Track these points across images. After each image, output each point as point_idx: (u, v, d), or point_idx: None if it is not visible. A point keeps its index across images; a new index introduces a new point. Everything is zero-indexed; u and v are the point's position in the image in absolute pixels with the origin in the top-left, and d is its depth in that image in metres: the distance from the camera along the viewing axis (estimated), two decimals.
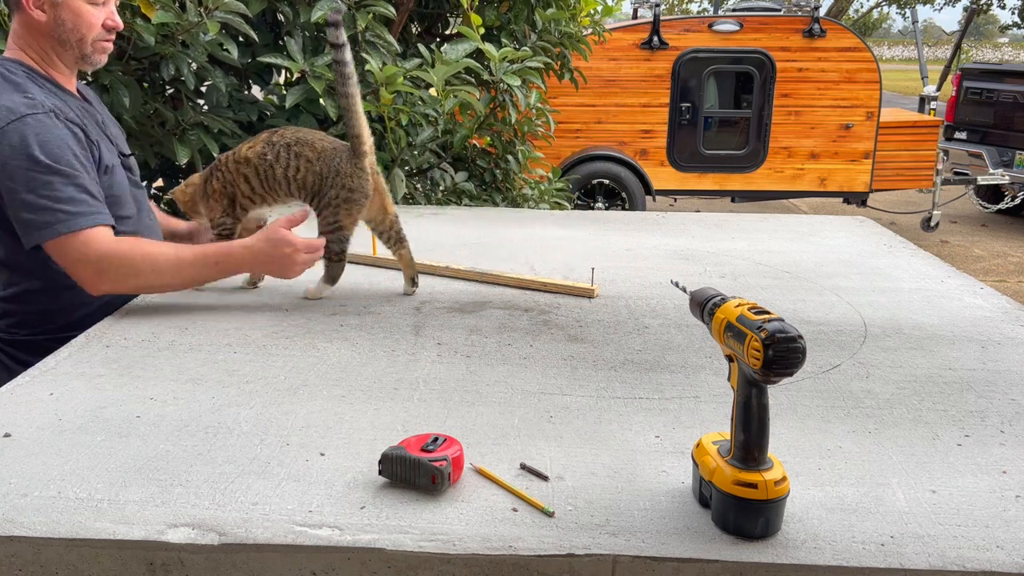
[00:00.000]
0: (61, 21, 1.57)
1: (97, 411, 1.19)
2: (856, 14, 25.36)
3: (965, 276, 1.96)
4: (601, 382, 1.32)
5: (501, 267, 1.93)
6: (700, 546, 0.89)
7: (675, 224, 2.47)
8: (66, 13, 1.56)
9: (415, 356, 1.41)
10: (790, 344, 0.84)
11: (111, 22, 1.62)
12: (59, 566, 0.91)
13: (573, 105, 6.34)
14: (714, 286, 1.24)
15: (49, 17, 1.56)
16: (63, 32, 1.58)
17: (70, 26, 1.57)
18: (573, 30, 3.30)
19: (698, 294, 1.00)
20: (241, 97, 2.74)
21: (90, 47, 1.61)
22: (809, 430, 1.16)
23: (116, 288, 1.56)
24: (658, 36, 6.55)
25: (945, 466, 1.07)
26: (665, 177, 6.86)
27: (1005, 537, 0.92)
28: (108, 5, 1.62)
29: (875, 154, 6.81)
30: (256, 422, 1.16)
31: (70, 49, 1.60)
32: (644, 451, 1.10)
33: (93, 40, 1.61)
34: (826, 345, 1.50)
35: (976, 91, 8.02)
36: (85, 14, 1.58)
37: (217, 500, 0.97)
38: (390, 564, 0.89)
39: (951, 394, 1.29)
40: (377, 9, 2.57)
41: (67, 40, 1.59)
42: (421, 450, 1.00)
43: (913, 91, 15.47)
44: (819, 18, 6.59)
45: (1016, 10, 24.71)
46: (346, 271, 1.73)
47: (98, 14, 1.60)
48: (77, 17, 1.57)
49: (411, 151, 2.93)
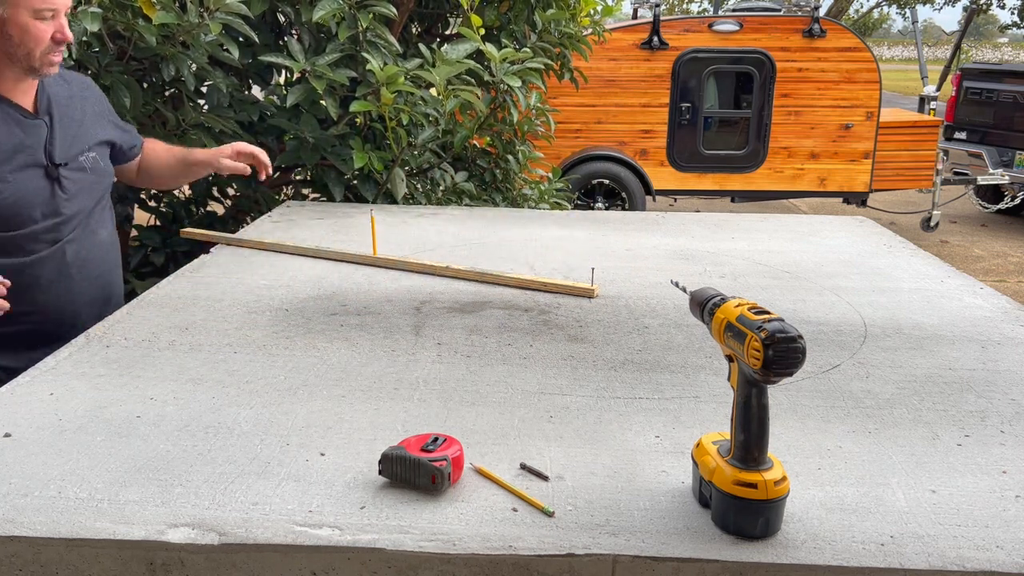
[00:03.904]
0: (8, 36, 1.55)
1: (97, 411, 1.19)
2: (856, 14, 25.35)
3: (965, 276, 1.96)
4: (601, 382, 1.32)
5: (501, 267, 1.93)
6: (700, 546, 0.90)
7: (675, 224, 2.47)
8: (13, 28, 1.54)
9: (415, 356, 1.41)
10: (790, 344, 0.84)
11: (60, 35, 1.59)
12: (59, 566, 0.91)
13: (573, 105, 6.34)
14: (714, 286, 1.24)
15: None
16: (10, 47, 1.56)
17: (17, 41, 1.55)
18: (573, 30, 3.30)
19: (698, 294, 1.00)
20: (242, 97, 2.74)
21: (38, 61, 1.59)
22: (809, 430, 1.16)
23: None
24: (658, 36, 6.55)
25: (945, 466, 1.07)
26: (665, 177, 6.86)
27: (1005, 537, 0.92)
28: (58, 18, 1.59)
29: (875, 154, 6.81)
30: (256, 422, 1.16)
31: (17, 62, 1.58)
32: (644, 451, 1.10)
33: (41, 54, 1.58)
34: (826, 345, 1.50)
35: (976, 91, 8.02)
36: (32, 29, 1.55)
37: (217, 500, 0.97)
38: (390, 564, 0.89)
39: (951, 394, 1.29)
40: (378, 9, 2.57)
41: (14, 54, 1.57)
42: (421, 450, 1.00)
43: (913, 91, 15.46)
44: (819, 18, 6.59)
45: (1016, 10, 24.70)
46: (346, 271, 1.73)
47: (47, 28, 1.57)
48: (24, 33, 1.55)
49: (411, 151, 2.93)
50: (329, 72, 2.52)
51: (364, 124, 2.95)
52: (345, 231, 2.26)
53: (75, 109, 1.77)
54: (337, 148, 2.77)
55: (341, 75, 2.55)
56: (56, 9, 1.58)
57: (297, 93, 2.56)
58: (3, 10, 1.53)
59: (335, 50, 2.58)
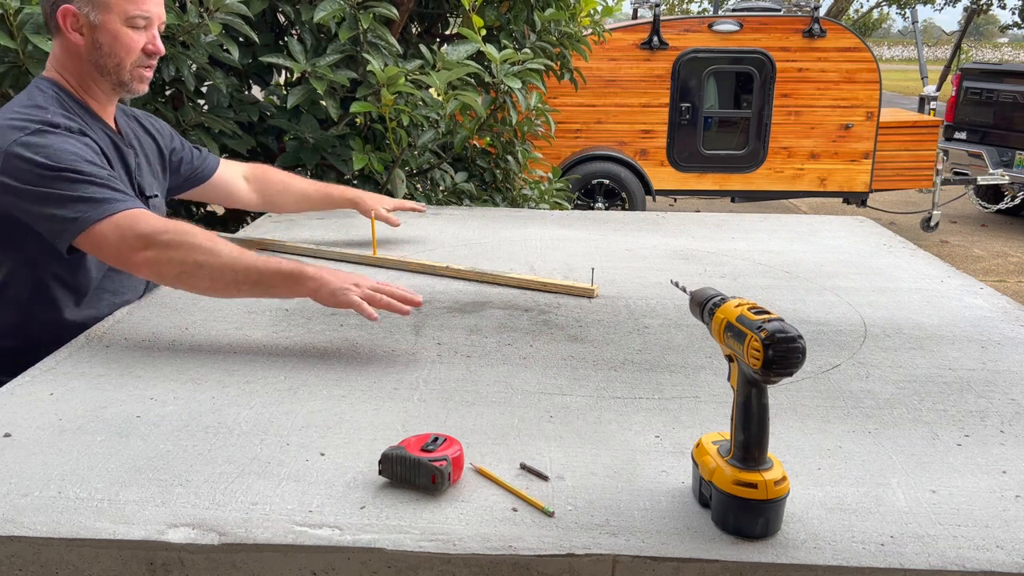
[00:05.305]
0: (98, 44, 1.51)
1: (97, 411, 1.19)
2: (856, 14, 25.35)
3: (965, 276, 1.96)
4: (601, 382, 1.32)
5: (501, 267, 1.93)
6: (700, 546, 0.89)
7: (675, 224, 2.47)
8: (104, 36, 1.50)
9: (415, 356, 1.41)
10: (790, 344, 0.84)
11: (152, 47, 1.55)
12: (59, 566, 0.91)
13: (573, 105, 6.34)
14: (714, 286, 1.24)
15: (87, 40, 1.51)
16: (99, 56, 1.52)
17: (107, 50, 1.52)
18: (573, 30, 3.31)
19: (698, 294, 1.00)
20: (242, 97, 2.75)
21: (128, 74, 1.55)
22: (809, 430, 1.16)
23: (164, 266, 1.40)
24: (658, 36, 6.55)
25: (945, 466, 1.07)
26: (665, 177, 6.86)
27: (1005, 537, 0.92)
28: (150, 29, 1.55)
29: (875, 154, 6.82)
30: (256, 422, 1.16)
31: (107, 75, 1.54)
32: (644, 451, 1.10)
33: (132, 66, 1.55)
34: (826, 345, 1.50)
35: (976, 91, 8.01)
36: (123, 37, 1.51)
37: (217, 500, 0.97)
38: (390, 564, 0.89)
39: (951, 394, 1.29)
40: (378, 10, 2.57)
41: (104, 65, 1.53)
42: (421, 450, 1.00)
43: (913, 91, 15.47)
44: (819, 18, 6.59)
45: (1016, 10, 24.71)
46: (346, 271, 1.73)
47: (138, 38, 1.53)
48: (115, 40, 1.51)
49: (412, 152, 2.93)
50: (330, 73, 2.52)
51: (364, 125, 2.95)
52: (345, 231, 2.26)
53: (149, 147, 1.77)
54: (337, 149, 2.77)
55: (342, 76, 2.55)
56: (150, 18, 1.54)
57: (298, 94, 2.57)
58: (95, 15, 1.49)
59: (336, 51, 2.58)
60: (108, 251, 1.43)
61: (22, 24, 2.02)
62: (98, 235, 1.40)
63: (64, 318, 1.57)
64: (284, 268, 1.41)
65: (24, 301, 1.56)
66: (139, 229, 1.40)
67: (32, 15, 2.02)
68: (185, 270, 1.40)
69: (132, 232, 1.40)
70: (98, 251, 1.45)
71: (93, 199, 1.41)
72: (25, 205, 1.43)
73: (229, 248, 1.41)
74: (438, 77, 2.53)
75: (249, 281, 1.40)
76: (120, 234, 1.40)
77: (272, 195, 2.05)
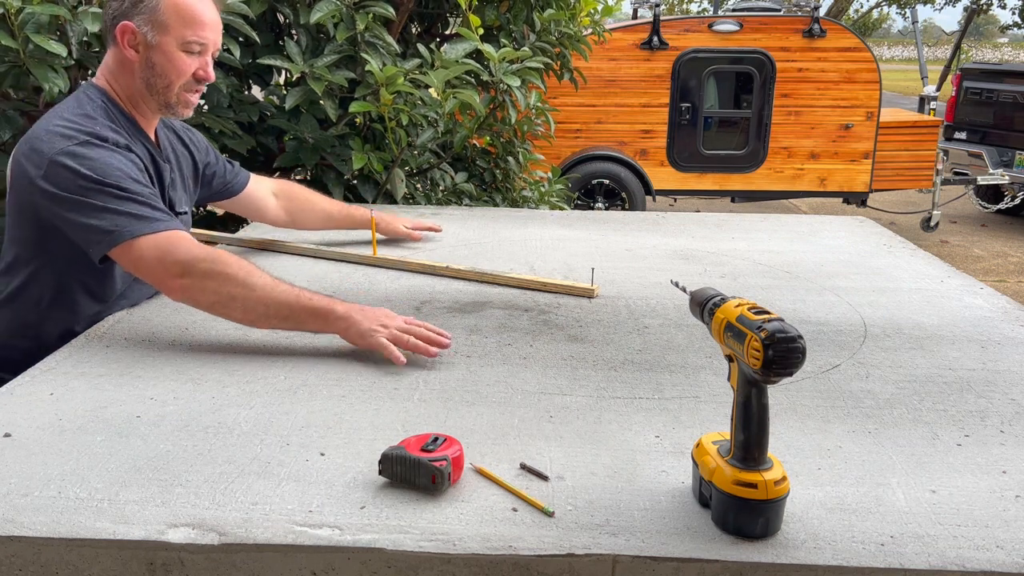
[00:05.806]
0: (152, 64, 1.52)
1: (97, 411, 1.19)
2: (856, 14, 25.35)
3: (965, 276, 1.96)
4: (601, 382, 1.32)
5: (501, 267, 1.93)
6: (700, 546, 0.90)
7: (675, 224, 2.47)
8: (158, 56, 1.51)
9: (415, 356, 1.41)
10: (790, 344, 0.84)
11: (203, 73, 1.56)
12: (59, 566, 0.91)
13: (573, 105, 6.34)
14: (714, 286, 1.24)
15: (141, 58, 1.52)
16: (151, 76, 1.53)
17: (159, 71, 1.52)
18: (573, 30, 3.30)
19: (698, 294, 1.00)
20: (242, 98, 2.75)
21: (175, 96, 1.56)
22: (809, 430, 1.16)
23: (199, 295, 1.43)
24: (658, 36, 6.55)
25: (945, 466, 1.07)
26: (665, 177, 6.86)
27: (1005, 537, 0.92)
28: (204, 56, 1.56)
29: (875, 154, 6.82)
30: (256, 422, 1.16)
31: (155, 95, 1.55)
32: (644, 451, 1.10)
33: (180, 89, 1.55)
34: (826, 345, 1.50)
35: (976, 91, 8.01)
36: (177, 61, 1.52)
37: (217, 500, 0.97)
38: (390, 564, 0.89)
39: (951, 394, 1.29)
40: (376, 10, 2.57)
41: (154, 85, 1.54)
42: (421, 450, 1.00)
43: (913, 91, 15.47)
44: (819, 18, 6.59)
45: (1016, 10, 24.69)
46: (346, 271, 1.74)
47: (191, 63, 1.54)
48: (168, 63, 1.52)
49: (411, 151, 2.93)
50: (327, 74, 2.52)
51: (364, 125, 2.95)
52: (345, 231, 2.26)
53: (185, 161, 1.78)
54: (337, 149, 2.77)
55: (340, 77, 2.55)
56: (205, 45, 1.55)
57: (296, 95, 2.57)
58: (153, 36, 1.50)
59: (333, 51, 2.58)
60: (145, 269, 1.45)
61: (23, 24, 2.01)
62: (136, 251, 1.43)
63: (79, 324, 1.58)
64: (315, 305, 1.43)
65: (43, 303, 1.57)
66: (178, 255, 1.42)
67: (33, 15, 2.02)
68: (219, 300, 1.43)
69: (171, 257, 1.42)
70: (135, 267, 1.46)
71: (133, 215, 1.43)
72: (63, 212, 1.44)
73: (264, 281, 1.43)
74: (436, 76, 2.52)
75: (280, 316, 1.43)
76: (159, 256, 1.42)
77: (296, 212, 2.07)
